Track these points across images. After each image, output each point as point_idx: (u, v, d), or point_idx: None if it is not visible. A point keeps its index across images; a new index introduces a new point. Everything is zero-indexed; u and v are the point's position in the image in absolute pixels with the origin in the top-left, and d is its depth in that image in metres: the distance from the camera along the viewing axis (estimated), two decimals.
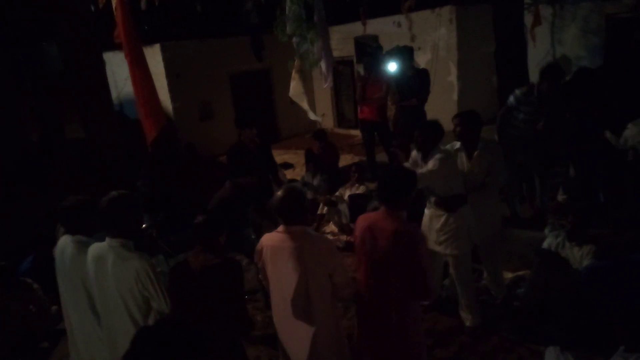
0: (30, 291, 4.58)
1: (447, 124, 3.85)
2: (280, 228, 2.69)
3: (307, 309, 2.63)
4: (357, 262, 2.90)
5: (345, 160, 8.72)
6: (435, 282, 3.71)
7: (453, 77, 9.11)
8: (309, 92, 8.07)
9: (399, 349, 2.81)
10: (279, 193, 2.67)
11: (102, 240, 2.74)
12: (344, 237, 5.81)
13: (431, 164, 3.53)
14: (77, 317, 3.02)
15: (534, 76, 7.13)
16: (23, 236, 5.57)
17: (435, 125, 3.66)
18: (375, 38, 9.84)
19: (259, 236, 4.94)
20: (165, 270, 2.85)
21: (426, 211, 3.91)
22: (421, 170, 3.56)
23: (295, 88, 7.73)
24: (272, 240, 2.70)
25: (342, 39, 10.54)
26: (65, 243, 2.97)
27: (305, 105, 7.49)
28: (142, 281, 2.59)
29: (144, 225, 2.95)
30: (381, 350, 2.85)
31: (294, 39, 7.58)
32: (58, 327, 4.55)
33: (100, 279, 2.70)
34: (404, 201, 2.77)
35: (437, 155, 3.53)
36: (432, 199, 3.76)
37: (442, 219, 3.71)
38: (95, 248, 2.74)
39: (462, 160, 3.87)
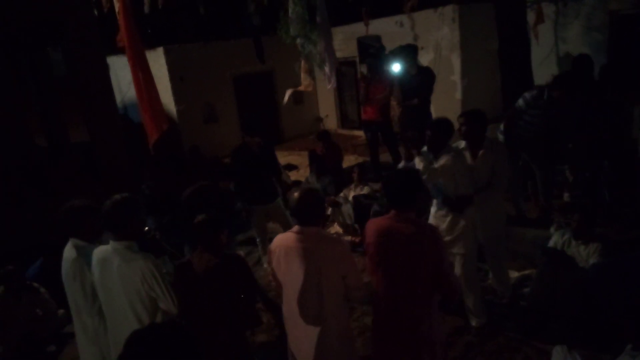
0: (37, 295, 4.61)
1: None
2: (295, 228, 2.67)
3: (320, 310, 2.61)
4: (371, 269, 2.85)
5: (349, 161, 8.72)
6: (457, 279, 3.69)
7: (456, 76, 9.08)
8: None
9: (423, 354, 2.75)
10: (296, 194, 2.64)
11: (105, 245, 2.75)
12: (348, 238, 5.80)
13: (443, 160, 3.54)
14: (76, 320, 3.03)
15: (537, 74, 7.12)
16: (30, 240, 5.59)
17: (446, 123, 3.66)
18: (377, 38, 9.82)
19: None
20: (171, 271, 2.85)
21: (432, 210, 3.90)
22: (434, 166, 3.56)
23: (306, 85, 7.79)
24: (287, 240, 2.67)
25: (344, 40, 10.54)
26: (68, 247, 2.98)
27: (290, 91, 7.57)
28: (147, 282, 2.60)
29: (146, 228, 2.94)
30: (403, 355, 2.80)
31: (298, 40, 7.60)
32: (65, 331, 4.58)
33: (105, 281, 2.71)
34: (413, 202, 2.77)
35: (449, 154, 3.56)
36: (439, 199, 3.75)
37: (448, 219, 3.71)
38: (99, 251, 2.75)
39: (467, 159, 3.86)
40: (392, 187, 2.78)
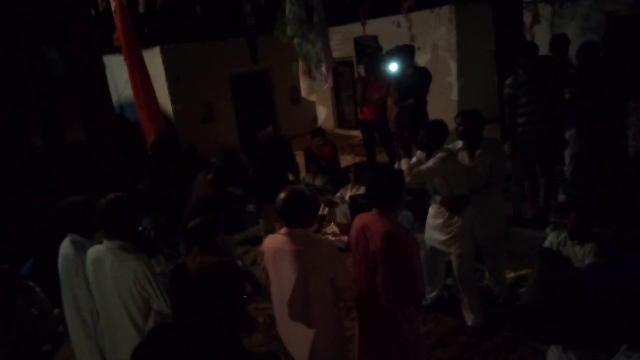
0: (33, 294, 4.59)
1: (448, 124, 3.85)
2: (283, 230, 2.66)
3: (307, 311, 2.61)
4: (353, 262, 2.91)
5: (346, 160, 8.72)
6: (425, 286, 3.71)
7: (453, 76, 9.10)
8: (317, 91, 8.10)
9: (394, 349, 2.79)
10: (282, 195, 2.62)
11: (102, 240, 2.75)
12: (345, 238, 5.80)
13: (431, 162, 3.54)
14: (74, 317, 3.03)
15: None
16: (28, 240, 5.58)
17: (440, 125, 3.66)
18: (375, 38, 9.83)
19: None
20: (167, 272, 2.85)
21: (430, 210, 3.91)
22: (420, 167, 3.57)
23: (305, 88, 7.80)
24: (275, 242, 2.67)
25: (342, 40, 10.55)
26: (64, 244, 2.98)
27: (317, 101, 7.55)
28: (140, 282, 2.60)
29: (140, 229, 2.93)
30: (378, 350, 2.84)
31: (295, 40, 7.60)
32: (60, 330, 4.57)
33: (99, 281, 2.70)
34: (395, 202, 2.76)
35: (439, 154, 3.55)
36: (437, 198, 3.76)
37: (446, 218, 3.71)
38: (94, 251, 2.75)
39: (464, 159, 3.87)
40: (373, 187, 2.81)
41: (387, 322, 2.75)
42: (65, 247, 2.95)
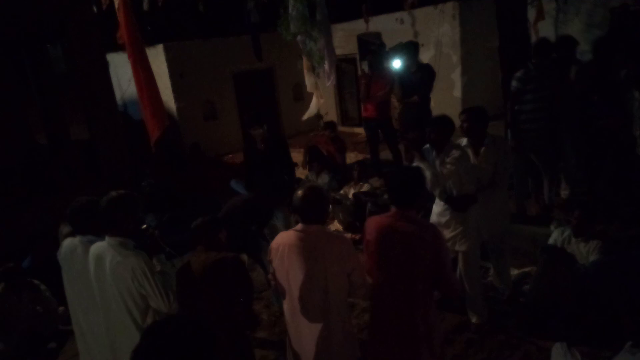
0: (38, 292, 4.61)
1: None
2: (299, 226, 2.66)
3: (325, 307, 2.61)
4: (369, 266, 2.84)
5: (349, 158, 8.71)
6: (456, 277, 3.70)
7: (456, 73, 9.07)
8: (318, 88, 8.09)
9: (422, 352, 2.75)
10: (299, 191, 2.63)
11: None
12: (348, 235, 5.81)
13: (449, 164, 3.52)
14: (90, 319, 3.02)
15: None
16: (28, 238, 5.60)
17: (446, 120, 3.66)
18: (378, 35, 9.82)
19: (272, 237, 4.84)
20: (167, 270, 2.85)
21: (435, 208, 3.90)
22: (440, 170, 3.55)
23: (311, 84, 7.81)
24: (290, 238, 2.65)
25: (345, 37, 10.52)
26: (74, 245, 2.98)
27: (316, 100, 7.58)
28: (138, 279, 2.60)
29: (144, 226, 2.93)
30: (401, 353, 2.78)
31: (299, 38, 7.58)
32: (65, 328, 4.59)
33: (99, 277, 2.72)
34: (416, 200, 2.76)
35: (454, 154, 3.54)
36: (442, 197, 3.75)
37: (450, 216, 3.71)
38: (95, 247, 2.76)
39: (469, 156, 3.85)
40: (394, 185, 2.77)
41: (417, 323, 2.70)
42: (75, 247, 2.95)
